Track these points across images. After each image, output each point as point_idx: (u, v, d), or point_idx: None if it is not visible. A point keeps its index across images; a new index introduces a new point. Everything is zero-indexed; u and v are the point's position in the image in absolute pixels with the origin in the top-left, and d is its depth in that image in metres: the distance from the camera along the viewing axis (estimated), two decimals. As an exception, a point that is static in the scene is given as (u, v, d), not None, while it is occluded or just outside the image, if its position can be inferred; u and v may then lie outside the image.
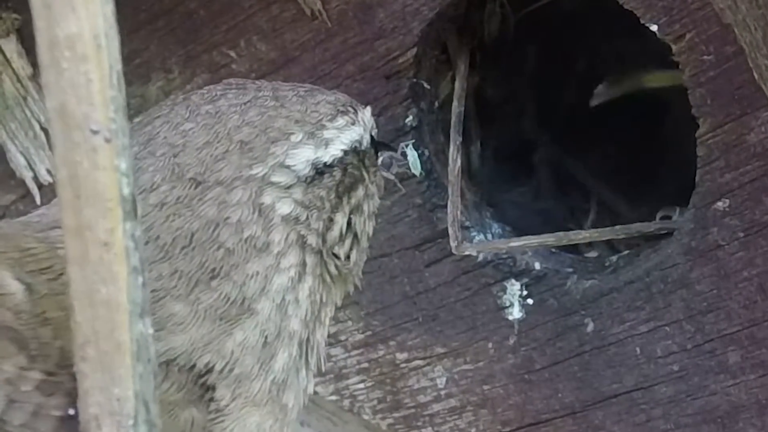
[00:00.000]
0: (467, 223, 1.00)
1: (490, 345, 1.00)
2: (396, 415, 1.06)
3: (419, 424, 1.05)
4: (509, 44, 1.09)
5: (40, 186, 1.11)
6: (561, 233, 0.96)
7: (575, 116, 1.11)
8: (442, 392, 1.03)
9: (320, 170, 0.71)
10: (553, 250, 1.00)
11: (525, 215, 1.11)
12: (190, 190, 0.67)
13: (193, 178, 0.68)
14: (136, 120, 0.73)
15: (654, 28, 0.87)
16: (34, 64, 1.08)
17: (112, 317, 0.53)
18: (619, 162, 1.23)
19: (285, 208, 0.69)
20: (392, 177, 0.83)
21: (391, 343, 1.04)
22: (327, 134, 0.71)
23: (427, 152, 0.99)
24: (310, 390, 0.73)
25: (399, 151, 0.83)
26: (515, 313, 0.98)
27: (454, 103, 1.00)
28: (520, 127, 1.20)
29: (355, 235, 0.74)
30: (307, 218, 0.70)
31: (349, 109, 0.74)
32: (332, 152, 0.71)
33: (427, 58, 0.99)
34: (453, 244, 0.97)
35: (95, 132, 0.51)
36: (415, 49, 0.96)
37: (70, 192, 0.52)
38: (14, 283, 0.63)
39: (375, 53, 0.97)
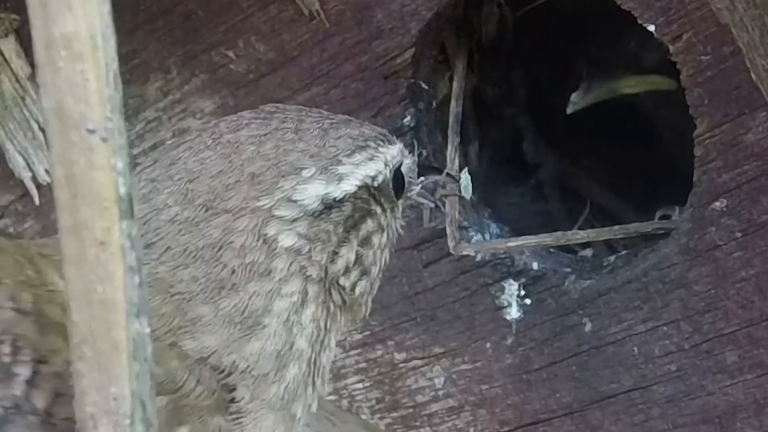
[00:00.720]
0: (465, 223, 1.00)
1: (488, 345, 1.00)
2: (394, 414, 1.06)
3: (417, 423, 1.05)
4: (507, 44, 1.09)
5: (38, 186, 1.11)
6: (559, 233, 0.96)
7: (573, 116, 1.11)
8: (440, 392, 1.03)
9: (329, 205, 0.71)
10: (551, 250, 1.00)
11: (523, 215, 1.11)
12: (199, 213, 0.69)
13: (203, 204, 0.69)
14: (168, 142, 0.74)
15: (651, 28, 0.87)
16: (32, 64, 1.08)
17: (108, 316, 0.53)
18: (617, 162, 1.23)
19: (288, 240, 0.70)
20: (431, 203, 0.84)
21: (390, 343, 1.04)
22: (341, 170, 0.72)
23: (425, 152, 0.99)
24: (314, 409, 0.74)
25: (444, 175, 0.84)
26: (513, 313, 0.98)
27: (452, 104, 1.00)
28: (517, 128, 1.20)
29: (364, 267, 0.75)
30: (309, 251, 0.71)
31: (370, 144, 0.74)
32: (344, 188, 0.72)
33: (425, 59, 0.99)
34: (451, 244, 0.97)
35: (91, 131, 0.51)
36: (413, 50, 0.96)
37: (67, 191, 0.52)
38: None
39: (373, 53, 0.97)
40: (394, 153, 0.76)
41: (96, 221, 0.52)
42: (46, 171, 1.10)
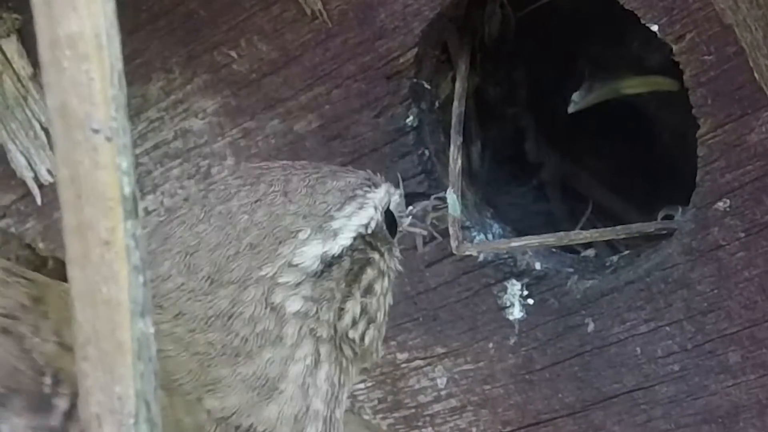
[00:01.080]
0: (468, 223, 1.00)
1: (490, 345, 1.00)
2: (396, 415, 1.06)
3: (420, 424, 1.05)
4: (509, 44, 1.09)
5: (40, 186, 1.11)
6: (561, 233, 0.96)
7: (575, 116, 1.11)
8: (443, 392, 1.03)
9: (329, 263, 0.72)
10: (554, 250, 1.00)
11: (525, 215, 1.11)
12: (204, 284, 0.70)
13: (207, 277, 0.70)
14: (159, 220, 0.76)
15: (654, 28, 0.87)
16: (34, 64, 1.08)
17: (112, 316, 0.53)
18: (619, 162, 1.23)
19: (295, 305, 0.71)
20: (425, 231, 0.85)
21: (392, 343, 1.04)
22: (335, 225, 0.73)
23: (427, 152, 0.99)
24: None
25: (432, 198, 0.85)
26: (516, 313, 0.98)
27: (455, 104, 1.00)
28: (519, 127, 1.20)
29: (369, 316, 0.75)
30: (317, 311, 0.72)
31: (358, 192, 0.75)
32: (340, 242, 0.73)
33: (428, 58, 0.99)
34: (453, 244, 0.96)
35: (96, 131, 0.51)
36: (415, 49, 0.96)
37: (71, 191, 0.52)
38: None
39: (376, 53, 0.97)
40: (381, 195, 0.77)
41: (100, 221, 0.52)
42: (48, 171, 1.10)
